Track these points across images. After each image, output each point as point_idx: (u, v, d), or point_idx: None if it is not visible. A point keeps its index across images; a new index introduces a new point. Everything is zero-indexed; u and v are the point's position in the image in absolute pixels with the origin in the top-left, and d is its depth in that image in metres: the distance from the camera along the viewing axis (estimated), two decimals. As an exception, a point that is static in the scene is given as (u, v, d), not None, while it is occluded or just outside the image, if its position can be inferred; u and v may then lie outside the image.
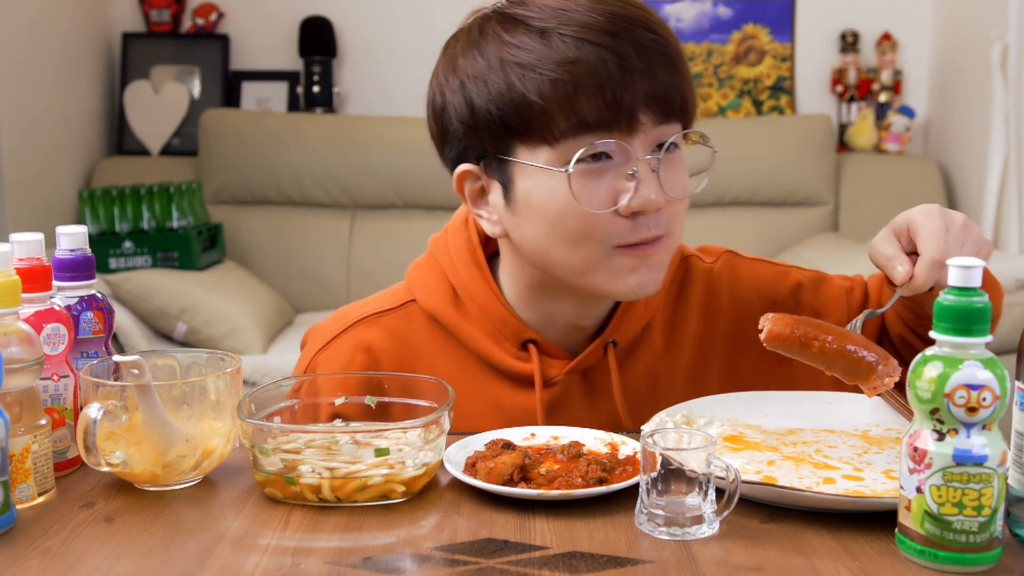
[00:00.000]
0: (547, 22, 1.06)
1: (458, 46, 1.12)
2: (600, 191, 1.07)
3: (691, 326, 1.25)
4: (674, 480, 0.88)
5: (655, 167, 1.07)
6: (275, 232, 3.66)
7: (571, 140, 1.06)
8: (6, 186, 3.28)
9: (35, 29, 3.47)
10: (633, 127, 1.06)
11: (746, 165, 3.70)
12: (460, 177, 1.14)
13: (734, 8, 4.00)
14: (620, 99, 1.04)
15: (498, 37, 1.08)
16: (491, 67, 1.07)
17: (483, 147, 1.11)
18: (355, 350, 1.19)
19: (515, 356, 1.18)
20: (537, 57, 1.05)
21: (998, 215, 3.45)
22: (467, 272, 1.19)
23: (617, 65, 1.04)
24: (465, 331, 1.19)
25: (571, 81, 1.04)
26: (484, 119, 1.08)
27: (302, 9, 3.94)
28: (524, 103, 1.05)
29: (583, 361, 1.19)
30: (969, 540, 0.80)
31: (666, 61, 1.07)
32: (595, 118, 1.05)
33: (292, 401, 1.08)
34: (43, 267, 1.02)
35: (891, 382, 1.00)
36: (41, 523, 0.92)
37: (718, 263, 1.28)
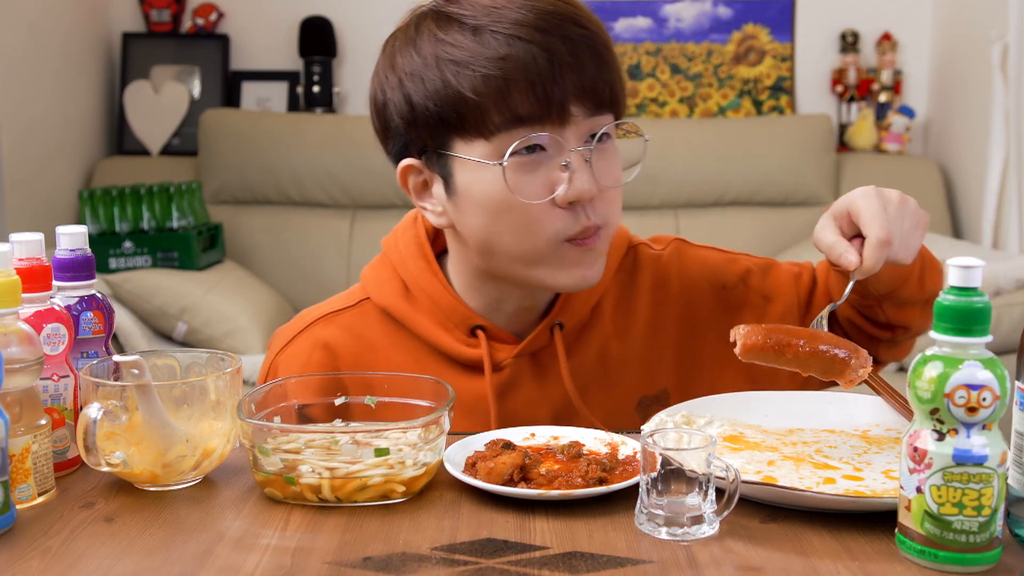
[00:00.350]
0: (480, 20, 1.10)
1: (396, 44, 1.16)
2: (535, 182, 1.11)
3: (642, 311, 1.28)
4: (674, 480, 0.88)
5: (588, 158, 1.11)
6: (275, 232, 3.66)
7: (505, 134, 1.09)
8: (6, 186, 3.28)
9: (35, 29, 3.47)
10: (565, 119, 1.10)
11: (746, 165, 3.70)
12: (403, 171, 1.18)
13: (734, 8, 4.00)
14: (551, 93, 1.08)
15: (433, 35, 1.12)
16: (427, 65, 1.11)
17: (423, 142, 1.14)
18: (313, 348, 1.23)
19: (464, 343, 1.22)
20: (470, 54, 1.09)
21: (998, 215, 3.45)
22: (415, 265, 1.24)
23: (547, 60, 1.08)
24: (416, 322, 1.22)
25: (503, 77, 1.07)
26: (423, 115, 1.12)
27: (302, 9, 3.94)
28: (459, 99, 1.09)
29: (531, 344, 1.22)
30: (969, 540, 0.80)
31: (595, 55, 1.11)
32: (527, 112, 1.08)
33: (293, 401, 1.08)
34: (43, 267, 1.02)
35: (865, 373, 1.02)
36: (41, 523, 0.92)
37: (667, 250, 1.32)
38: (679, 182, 3.70)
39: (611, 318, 1.26)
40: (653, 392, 1.26)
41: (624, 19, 4.01)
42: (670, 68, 4.02)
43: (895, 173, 3.74)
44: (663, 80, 4.02)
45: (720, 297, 1.29)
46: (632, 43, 4.01)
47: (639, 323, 1.27)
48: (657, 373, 1.26)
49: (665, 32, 4.01)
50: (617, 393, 1.25)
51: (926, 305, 1.25)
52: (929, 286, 1.23)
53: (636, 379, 1.25)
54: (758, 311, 1.29)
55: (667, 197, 3.72)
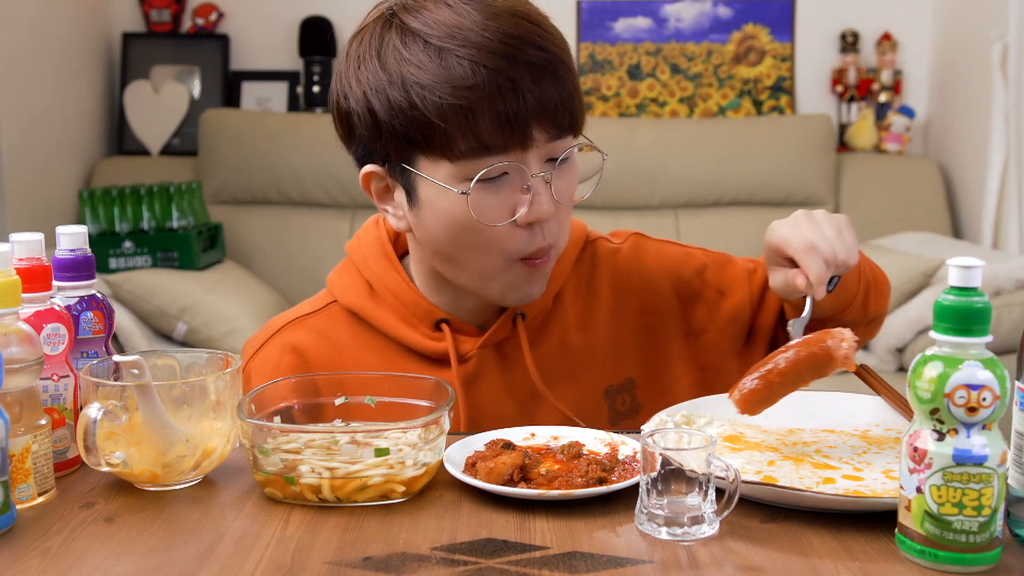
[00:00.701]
0: (443, 41, 1.10)
1: (360, 50, 1.16)
2: (497, 206, 1.13)
3: (603, 303, 1.30)
4: (674, 480, 0.88)
5: (548, 179, 1.13)
6: (275, 232, 3.66)
7: (471, 160, 1.11)
8: (6, 186, 3.28)
9: (35, 29, 3.47)
10: (527, 145, 1.11)
11: (746, 165, 3.70)
12: (366, 177, 1.19)
13: (734, 8, 4.00)
14: (515, 121, 1.09)
15: (397, 51, 1.12)
16: (391, 82, 1.11)
17: (386, 153, 1.15)
18: (283, 351, 1.25)
19: (429, 336, 1.23)
20: (434, 79, 1.09)
21: (998, 215, 3.45)
22: (378, 264, 1.26)
23: (511, 89, 1.09)
24: (381, 319, 1.24)
25: (468, 106, 1.08)
26: (387, 130, 1.13)
27: (302, 9, 3.94)
28: (425, 122, 1.10)
29: (494, 335, 1.24)
30: (969, 540, 0.80)
31: (556, 79, 1.12)
32: (492, 140, 1.10)
33: (293, 402, 1.08)
34: (43, 267, 1.02)
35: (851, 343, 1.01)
36: (41, 523, 0.92)
37: (625, 244, 1.34)
38: (679, 182, 3.70)
39: (572, 309, 1.28)
40: (618, 382, 1.28)
41: (624, 19, 4.01)
42: (670, 68, 4.02)
43: (895, 173, 3.74)
44: (663, 80, 4.02)
45: (677, 290, 1.31)
46: (632, 43, 4.01)
47: (601, 314, 1.29)
48: (622, 363, 1.28)
49: (665, 32, 4.01)
50: (583, 383, 1.26)
51: (870, 324, 1.29)
52: (872, 308, 1.27)
53: (601, 369, 1.27)
54: (711, 305, 1.31)
55: (667, 197, 3.72)
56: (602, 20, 4.00)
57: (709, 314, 1.30)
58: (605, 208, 3.71)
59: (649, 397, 1.28)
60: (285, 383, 1.08)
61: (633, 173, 3.71)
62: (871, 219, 3.67)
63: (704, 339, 1.31)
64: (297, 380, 1.10)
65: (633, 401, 1.28)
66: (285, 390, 1.08)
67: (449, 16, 1.11)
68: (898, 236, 3.50)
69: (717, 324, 1.30)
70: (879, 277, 1.29)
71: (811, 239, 1.10)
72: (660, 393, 1.28)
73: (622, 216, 3.67)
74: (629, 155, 3.72)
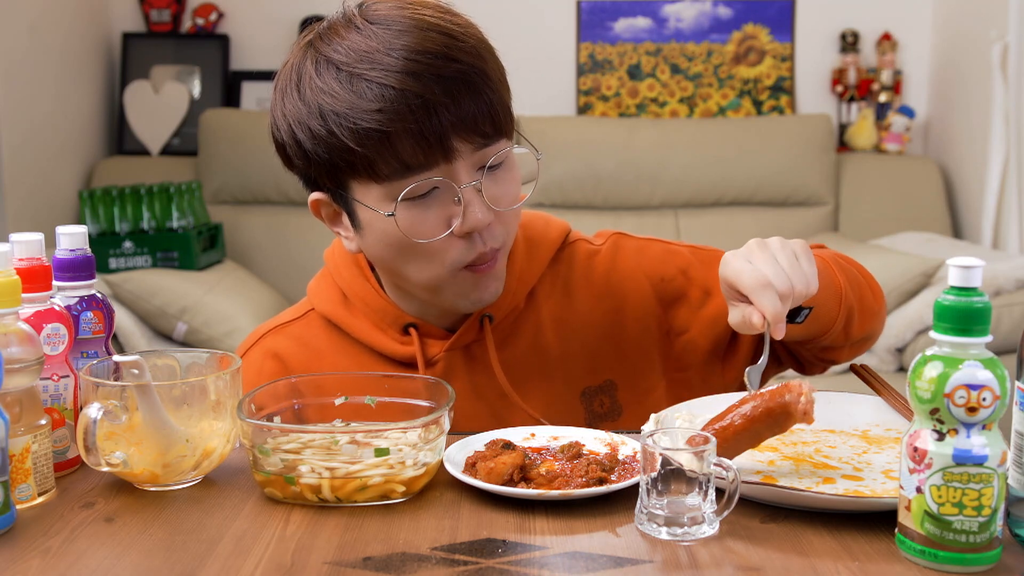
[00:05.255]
0: (353, 67, 1.10)
1: (284, 84, 1.17)
2: (429, 221, 1.13)
3: (580, 305, 1.29)
4: (674, 480, 0.88)
5: (480, 187, 1.13)
6: (275, 232, 3.66)
7: (396, 180, 1.11)
8: (6, 186, 3.28)
9: (35, 29, 3.47)
10: (451, 157, 1.11)
11: (746, 165, 3.70)
12: (314, 204, 1.21)
13: (734, 8, 4.00)
14: (431, 137, 1.09)
15: (312, 81, 1.12)
16: (311, 113, 1.12)
17: (322, 182, 1.17)
18: (264, 358, 1.28)
19: (398, 341, 1.25)
20: (347, 106, 1.09)
21: (998, 215, 3.45)
22: (349, 272, 1.28)
23: (421, 106, 1.08)
24: (354, 326, 1.26)
25: (381, 129, 1.08)
26: (315, 160, 1.14)
27: (302, 9, 3.94)
28: (346, 148, 1.10)
29: (461, 338, 1.24)
30: (969, 540, 0.80)
31: (471, 88, 1.10)
32: (413, 159, 1.10)
33: (293, 402, 1.08)
34: (43, 267, 1.02)
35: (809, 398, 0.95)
36: (41, 523, 0.92)
37: (605, 244, 1.33)
38: (679, 182, 3.70)
39: (547, 310, 1.28)
40: (597, 383, 1.27)
41: (624, 19, 4.01)
42: (670, 68, 4.02)
43: (895, 173, 3.74)
44: (663, 80, 4.02)
45: (658, 289, 1.30)
46: (632, 43, 4.01)
47: (577, 315, 1.28)
48: (600, 364, 1.27)
49: (665, 32, 4.01)
50: (557, 384, 1.26)
51: (856, 345, 1.25)
52: (856, 332, 1.22)
53: (577, 370, 1.27)
54: (695, 304, 1.29)
55: (667, 197, 3.72)
56: (602, 20, 4.00)
57: (691, 313, 1.28)
58: (605, 208, 3.72)
59: (631, 399, 1.27)
60: (285, 383, 1.09)
61: (633, 173, 3.71)
62: (871, 219, 3.67)
63: (684, 339, 1.28)
64: (297, 380, 1.10)
65: (613, 403, 1.27)
66: (285, 391, 1.08)
67: (359, 40, 1.11)
68: (898, 236, 3.51)
69: (699, 324, 1.28)
70: (866, 299, 1.23)
71: (764, 273, 1.03)
72: (642, 395, 1.27)
73: (622, 216, 3.67)
74: (629, 155, 3.72)
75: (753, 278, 1.03)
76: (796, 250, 1.08)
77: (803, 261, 1.07)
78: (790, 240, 1.10)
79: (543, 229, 1.30)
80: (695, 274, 1.30)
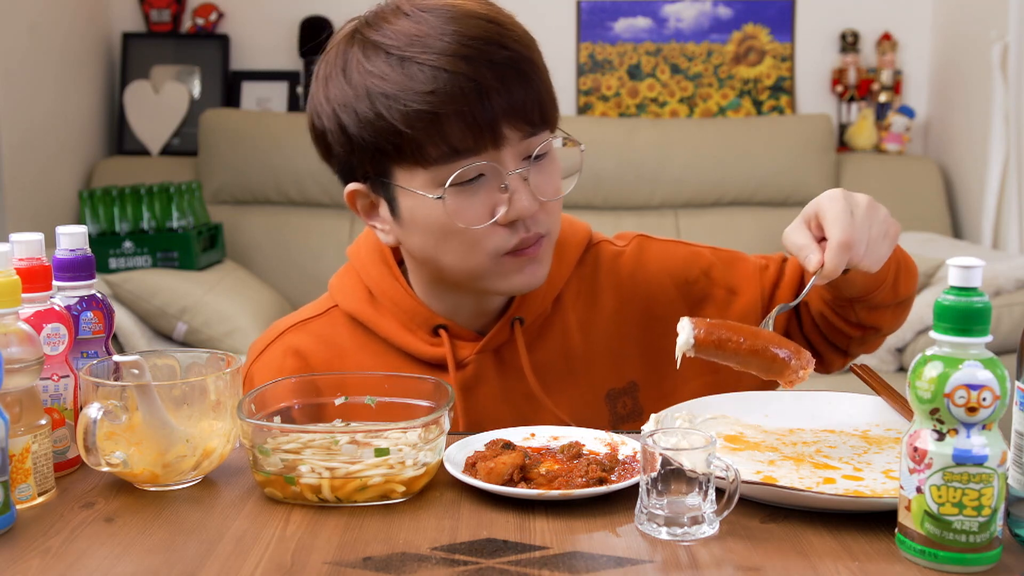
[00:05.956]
0: (404, 50, 1.10)
1: (327, 70, 1.16)
2: (476, 207, 1.12)
3: (605, 307, 1.29)
4: (674, 480, 0.88)
5: (526, 176, 1.13)
6: (275, 232, 3.66)
7: (444, 165, 1.11)
8: (6, 186, 3.28)
9: (35, 29, 3.47)
10: (499, 144, 1.11)
11: (746, 165, 3.70)
12: (350, 195, 1.20)
13: (734, 8, 4.00)
14: (482, 121, 1.09)
15: (360, 65, 1.12)
16: (358, 96, 1.11)
17: (364, 169, 1.16)
18: (285, 354, 1.26)
19: (428, 342, 1.24)
20: (399, 88, 1.09)
21: (998, 215, 3.45)
22: (377, 271, 1.26)
23: (474, 90, 1.09)
24: (381, 325, 1.25)
25: (433, 111, 1.08)
26: (359, 145, 1.13)
27: (302, 9, 3.94)
28: (394, 131, 1.10)
29: (492, 340, 1.24)
30: (969, 540, 0.80)
31: (521, 76, 1.11)
32: (462, 143, 1.10)
33: (293, 402, 1.08)
34: (43, 267, 1.02)
35: (805, 375, 1.02)
36: (41, 523, 0.92)
37: (629, 246, 1.33)
38: (679, 182, 3.70)
39: (573, 312, 1.28)
40: (621, 385, 1.27)
41: (624, 19, 4.01)
42: (670, 68, 4.02)
43: (895, 173, 3.74)
44: (663, 80, 4.02)
45: (683, 291, 1.30)
46: (632, 43, 4.01)
47: (603, 317, 1.28)
48: (624, 366, 1.27)
49: (665, 32, 4.01)
50: (583, 386, 1.26)
51: (898, 308, 1.25)
52: (903, 291, 1.23)
53: (602, 372, 1.27)
54: (721, 304, 1.29)
55: (667, 197, 3.72)
56: (602, 20, 4.00)
57: (719, 314, 1.28)
58: (605, 208, 3.71)
59: (652, 400, 1.27)
60: (286, 383, 1.09)
61: (633, 173, 3.71)
62: (871, 219, 3.67)
63: None
64: (298, 380, 1.10)
65: (635, 404, 1.27)
66: (286, 390, 1.08)
67: (409, 26, 1.11)
68: (898, 236, 3.50)
69: None
70: (907, 258, 1.25)
71: (855, 237, 1.04)
72: (663, 396, 1.27)
73: (622, 216, 3.67)
74: (629, 155, 3.72)
75: (845, 232, 1.05)
76: (890, 231, 1.09)
77: (886, 243, 1.09)
78: (891, 219, 1.11)
79: (568, 231, 1.29)
80: (717, 275, 1.30)
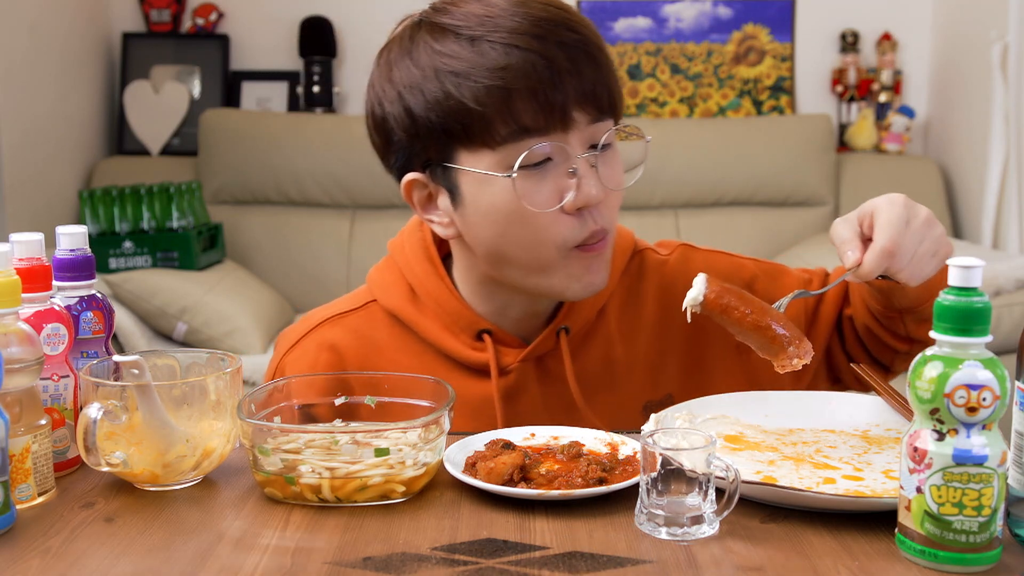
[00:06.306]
0: (475, 30, 1.09)
1: (391, 56, 1.15)
2: (544, 191, 1.10)
3: (647, 316, 1.27)
4: (674, 480, 0.88)
5: (593, 163, 1.11)
6: (275, 232, 3.66)
7: (511, 144, 1.09)
8: (6, 186, 3.28)
9: (35, 29, 3.47)
10: (568, 127, 1.10)
11: (746, 165, 3.69)
12: (408, 186, 1.17)
13: (734, 8, 4.00)
14: (553, 101, 1.08)
15: (429, 46, 1.11)
16: (426, 76, 1.10)
17: (426, 155, 1.14)
18: (320, 349, 1.23)
19: (471, 347, 1.22)
20: (470, 65, 1.08)
21: (998, 215, 3.45)
22: (422, 269, 1.23)
23: (547, 68, 1.08)
24: (423, 325, 1.22)
25: (504, 87, 1.07)
26: (425, 127, 1.11)
27: (302, 9, 3.94)
28: (463, 110, 1.08)
29: (537, 348, 1.22)
30: (969, 540, 0.80)
31: (591, 60, 1.10)
32: (532, 122, 1.08)
33: (294, 401, 1.08)
34: (43, 267, 1.02)
35: (799, 363, 1.02)
36: (41, 523, 0.92)
37: (673, 255, 1.31)
38: (679, 182, 3.70)
39: (616, 322, 1.26)
40: (658, 397, 1.26)
41: (624, 19, 4.01)
42: (670, 68, 4.01)
43: (895, 173, 3.74)
44: (663, 80, 4.01)
45: None
46: (632, 43, 4.01)
47: (644, 327, 1.27)
48: (662, 378, 1.26)
49: (665, 32, 4.01)
50: (622, 397, 1.24)
51: None
52: None
53: (641, 383, 1.25)
54: None
55: (667, 197, 3.72)
56: (602, 20, 4.00)
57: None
58: (605, 208, 3.71)
59: None
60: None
61: (633, 173, 3.71)
62: (871, 219, 3.67)
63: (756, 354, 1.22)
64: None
65: None
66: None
67: (478, 8, 1.11)
68: (898, 236, 3.50)
69: None
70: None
71: (897, 245, 1.02)
72: None
73: (622, 216, 3.60)
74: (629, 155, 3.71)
75: (892, 239, 1.03)
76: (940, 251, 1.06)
77: (933, 262, 1.06)
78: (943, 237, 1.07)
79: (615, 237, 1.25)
80: (761, 287, 1.28)
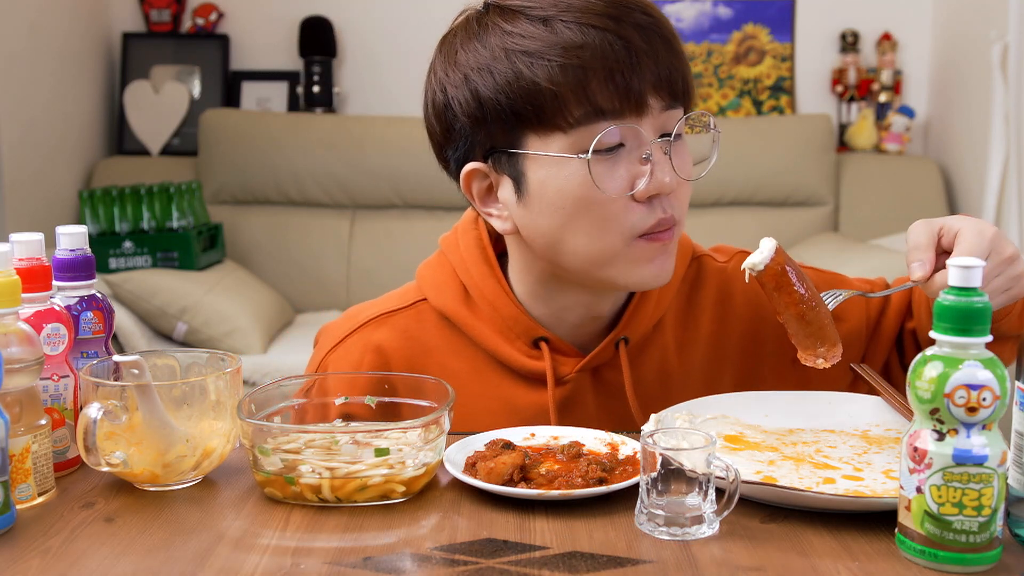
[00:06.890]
0: (547, 11, 1.06)
1: (456, 41, 1.11)
2: (616, 176, 1.07)
3: (704, 325, 1.24)
4: (674, 480, 0.88)
5: (667, 150, 1.08)
6: (275, 232, 3.66)
7: (585, 127, 1.05)
8: (6, 186, 3.28)
9: (35, 29, 3.47)
10: (642, 111, 1.06)
11: (746, 165, 3.69)
12: (468, 176, 1.13)
13: (734, 8, 4.00)
14: (630, 83, 1.04)
15: (499, 28, 1.07)
16: (496, 57, 1.06)
17: (491, 142, 1.10)
18: (364, 350, 1.19)
19: (527, 354, 1.18)
20: (543, 44, 1.04)
21: (998, 215, 3.45)
22: (478, 270, 1.19)
23: (624, 49, 1.04)
24: (476, 329, 1.18)
25: (580, 66, 1.03)
26: (493, 110, 1.07)
27: (302, 9, 3.94)
28: (535, 90, 1.04)
29: (595, 359, 1.18)
30: (969, 540, 0.80)
31: (666, 43, 1.07)
32: (607, 103, 1.05)
33: (295, 401, 1.07)
34: (43, 267, 1.02)
35: (823, 364, 1.04)
36: (41, 523, 0.92)
37: (731, 263, 1.27)
38: (679, 182, 3.70)
39: (673, 332, 1.22)
40: None
41: (624, 19, 4.01)
42: (670, 68, 4.01)
43: (895, 173, 3.74)
44: (663, 80, 4.01)
45: None
46: (632, 43, 4.01)
47: (701, 339, 1.23)
48: (717, 389, 1.21)
49: (665, 32, 4.01)
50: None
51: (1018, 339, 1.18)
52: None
53: (696, 394, 1.19)
54: None
55: (667, 197, 3.71)
56: (602, 20, 4.00)
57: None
58: (605, 208, 3.71)
59: None
60: None
61: (633, 173, 3.71)
62: (871, 219, 3.67)
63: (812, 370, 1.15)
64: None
65: None
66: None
67: None
68: (898, 236, 3.50)
69: None
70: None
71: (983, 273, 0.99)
72: None
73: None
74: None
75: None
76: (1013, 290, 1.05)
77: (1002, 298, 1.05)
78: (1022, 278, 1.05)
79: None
80: None
